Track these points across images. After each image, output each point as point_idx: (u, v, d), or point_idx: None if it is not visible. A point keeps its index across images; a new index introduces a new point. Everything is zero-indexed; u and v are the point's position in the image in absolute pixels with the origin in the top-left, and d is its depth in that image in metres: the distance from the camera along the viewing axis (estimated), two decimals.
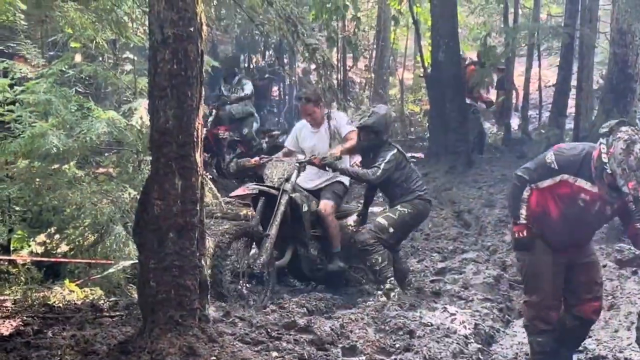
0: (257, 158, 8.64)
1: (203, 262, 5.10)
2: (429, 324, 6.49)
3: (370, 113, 7.75)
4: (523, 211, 5.53)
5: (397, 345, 5.98)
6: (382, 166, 7.60)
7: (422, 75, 18.12)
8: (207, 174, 8.80)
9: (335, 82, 14.78)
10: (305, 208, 7.90)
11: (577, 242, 5.65)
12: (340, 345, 5.83)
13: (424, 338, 6.15)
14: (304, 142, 8.45)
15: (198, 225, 5.03)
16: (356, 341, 5.89)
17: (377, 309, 6.91)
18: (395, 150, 7.76)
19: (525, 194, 5.50)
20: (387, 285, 7.49)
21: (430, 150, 16.00)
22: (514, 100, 18.17)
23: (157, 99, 4.90)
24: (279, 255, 7.98)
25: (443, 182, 13.79)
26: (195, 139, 4.95)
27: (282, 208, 7.70)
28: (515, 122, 18.08)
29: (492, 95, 17.34)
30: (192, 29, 4.88)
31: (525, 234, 5.54)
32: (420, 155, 17.03)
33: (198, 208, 5.02)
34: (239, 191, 8.25)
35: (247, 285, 7.47)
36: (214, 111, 14.24)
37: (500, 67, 16.69)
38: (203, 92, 5.05)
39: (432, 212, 11.61)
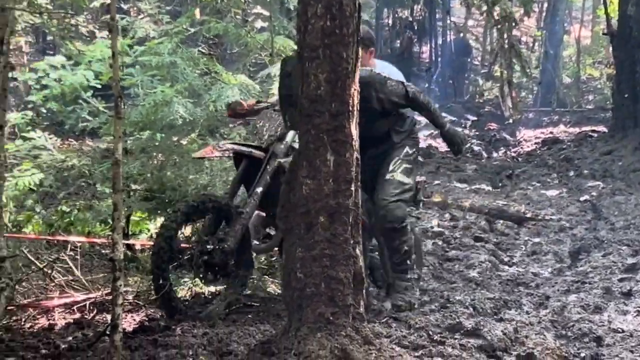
0: (252, 100, 7.68)
1: (358, 251, 5.10)
2: (620, 329, 6.37)
3: None
4: None
5: (583, 355, 5.90)
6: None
7: (604, 32, 17.75)
8: None
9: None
10: None
11: None
12: (514, 353, 5.77)
13: (614, 347, 6.04)
14: None
15: (352, 209, 5.03)
16: (533, 348, 5.80)
17: (555, 312, 6.86)
18: None
19: None
20: (405, 280, 6.91)
21: (614, 123, 15.78)
22: None
23: (307, 61, 4.92)
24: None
25: (632, 162, 13.51)
26: (350, 108, 4.96)
27: (266, 177, 6.66)
28: None
29: None
30: None
31: None
32: (601, 129, 16.73)
33: (353, 188, 5.02)
34: (206, 152, 7.02)
35: None
36: None
37: None
38: (360, 53, 5.05)
39: (620, 197, 11.42)
